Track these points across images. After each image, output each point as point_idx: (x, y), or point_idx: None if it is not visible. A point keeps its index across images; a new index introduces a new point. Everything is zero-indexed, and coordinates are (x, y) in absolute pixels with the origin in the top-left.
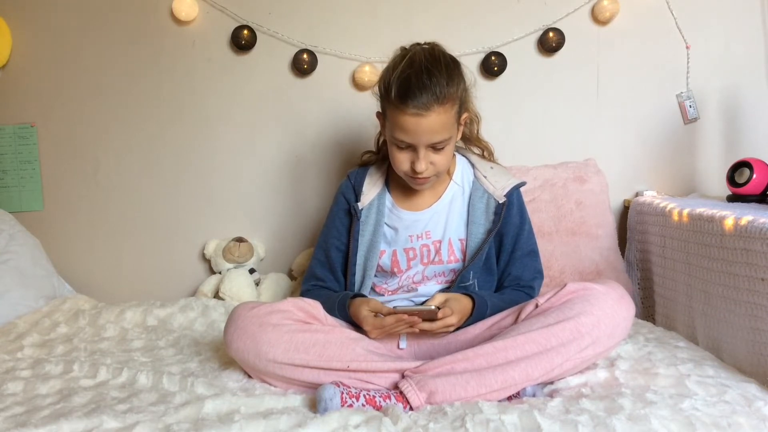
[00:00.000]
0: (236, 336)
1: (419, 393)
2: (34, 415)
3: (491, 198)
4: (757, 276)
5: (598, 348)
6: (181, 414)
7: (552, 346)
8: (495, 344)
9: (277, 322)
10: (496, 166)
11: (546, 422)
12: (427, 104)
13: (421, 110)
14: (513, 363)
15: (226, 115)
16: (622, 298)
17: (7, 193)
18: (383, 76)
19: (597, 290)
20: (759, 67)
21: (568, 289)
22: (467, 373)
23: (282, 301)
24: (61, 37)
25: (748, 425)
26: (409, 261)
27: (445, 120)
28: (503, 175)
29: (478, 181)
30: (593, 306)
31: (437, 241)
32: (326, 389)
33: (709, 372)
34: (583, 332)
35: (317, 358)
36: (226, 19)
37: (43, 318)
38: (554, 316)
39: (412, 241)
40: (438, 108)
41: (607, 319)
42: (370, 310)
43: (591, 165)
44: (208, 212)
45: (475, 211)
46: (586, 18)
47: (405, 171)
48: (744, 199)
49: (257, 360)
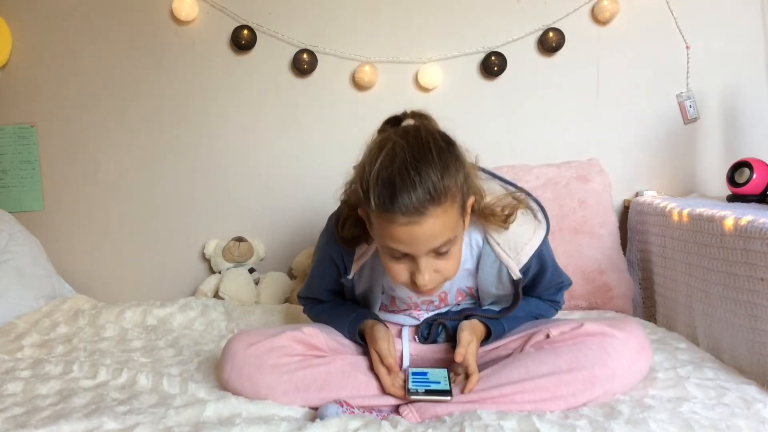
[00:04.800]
0: (233, 376)
1: (419, 418)
2: (33, 415)
3: (503, 267)
4: (757, 276)
5: (607, 397)
6: (182, 417)
7: (562, 395)
8: (501, 389)
9: (275, 363)
10: (511, 225)
11: (545, 427)
12: (420, 209)
13: (413, 217)
14: (519, 405)
15: (226, 115)
16: (642, 349)
17: (7, 193)
18: (359, 173)
19: (616, 339)
20: (759, 67)
21: (585, 330)
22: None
23: (279, 334)
24: (61, 37)
25: (747, 428)
26: (409, 305)
27: (446, 220)
28: (520, 235)
29: (488, 246)
30: (610, 356)
31: (443, 293)
32: (329, 408)
33: (708, 374)
34: (596, 384)
35: (318, 396)
36: (226, 19)
37: (42, 318)
38: (566, 358)
39: (413, 298)
40: (435, 210)
41: (624, 373)
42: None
43: (594, 164)
44: (208, 212)
45: (485, 275)
46: (586, 18)
47: (405, 283)
48: (744, 199)
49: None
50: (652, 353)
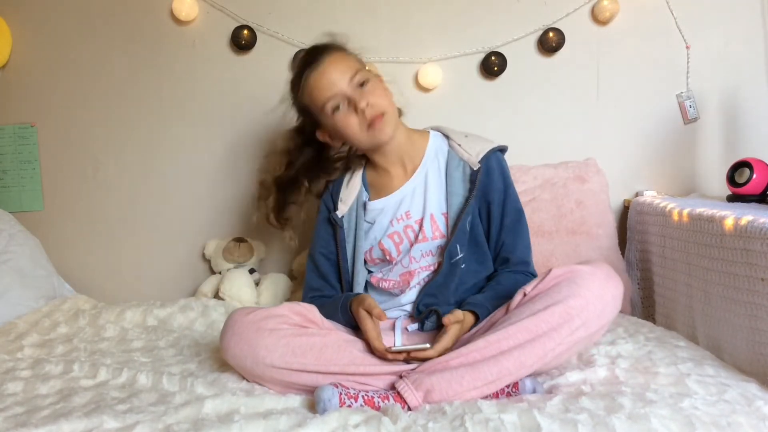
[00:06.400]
0: (233, 342)
1: (416, 392)
2: (34, 415)
3: (467, 165)
4: (757, 276)
5: (590, 329)
6: (181, 414)
7: (543, 331)
8: (488, 338)
9: (274, 327)
10: (472, 134)
11: (545, 421)
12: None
13: (321, 61)
14: (506, 353)
15: (226, 115)
16: (609, 277)
17: (7, 193)
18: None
19: (583, 271)
20: (759, 67)
21: (553, 274)
22: (462, 367)
23: (278, 306)
24: (61, 37)
25: (747, 424)
26: (396, 246)
27: (348, 62)
28: (479, 141)
29: (452, 150)
30: (580, 287)
31: (418, 220)
32: (325, 390)
33: (709, 371)
34: (573, 314)
35: (314, 362)
36: (226, 19)
37: (43, 318)
38: (542, 301)
39: (394, 225)
40: (336, 53)
41: (596, 299)
42: (364, 309)
43: (591, 164)
44: (208, 212)
45: (453, 180)
46: (586, 18)
47: (361, 129)
48: (744, 199)
49: (255, 365)
50: (622, 285)
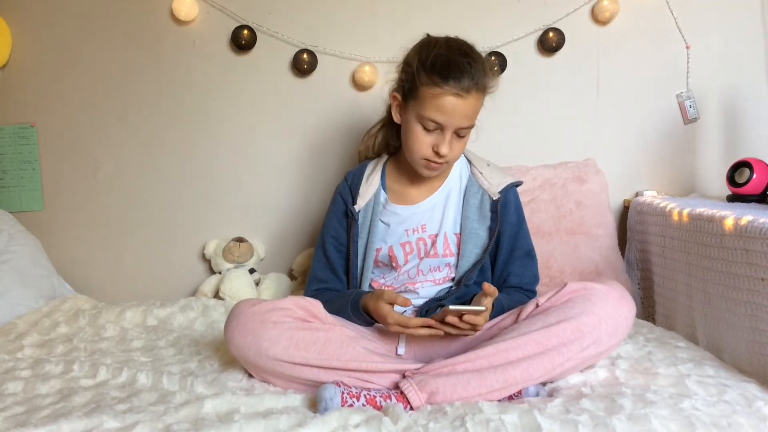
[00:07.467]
0: (237, 332)
1: (420, 393)
2: (34, 414)
3: (486, 194)
4: (757, 276)
5: (600, 347)
6: (181, 414)
7: (553, 345)
8: (497, 345)
9: (278, 320)
10: (493, 164)
11: (546, 422)
12: (468, 88)
13: (461, 92)
14: (514, 363)
15: (226, 115)
16: (623, 298)
17: (7, 193)
18: (416, 54)
19: (598, 290)
20: (759, 67)
21: (569, 289)
22: (468, 373)
23: (283, 299)
24: (61, 37)
25: (748, 425)
26: (406, 255)
27: (477, 107)
28: (499, 173)
29: (473, 177)
30: (595, 306)
31: (433, 235)
32: (327, 389)
33: (709, 372)
34: (585, 332)
35: (317, 357)
36: (226, 19)
37: (43, 318)
38: (555, 315)
39: (408, 235)
40: (476, 94)
41: (609, 319)
42: (386, 302)
43: (590, 165)
44: (208, 212)
45: (469, 205)
46: (586, 18)
47: (424, 155)
48: (744, 199)
49: (257, 357)
50: (635, 307)
